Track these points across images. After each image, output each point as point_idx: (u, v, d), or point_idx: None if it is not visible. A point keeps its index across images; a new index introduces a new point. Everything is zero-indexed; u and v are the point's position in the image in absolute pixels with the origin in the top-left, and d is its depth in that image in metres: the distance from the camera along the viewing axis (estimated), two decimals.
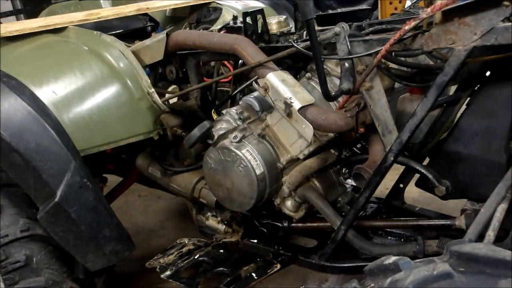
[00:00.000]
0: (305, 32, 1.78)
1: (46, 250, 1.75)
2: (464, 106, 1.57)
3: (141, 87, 1.85)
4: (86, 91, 1.75)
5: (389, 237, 1.74)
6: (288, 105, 1.51)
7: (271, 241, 1.83)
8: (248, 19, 1.75)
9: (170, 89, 2.30)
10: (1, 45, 1.88)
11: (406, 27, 1.26)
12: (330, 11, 2.63)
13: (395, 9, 2.29)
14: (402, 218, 1.73)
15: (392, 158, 1.42)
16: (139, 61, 1.90)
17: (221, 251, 1.88)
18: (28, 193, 1.64)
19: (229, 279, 1.75)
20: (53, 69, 1.78)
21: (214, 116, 1.82)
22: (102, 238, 1.66)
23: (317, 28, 1.46)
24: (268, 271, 1.78)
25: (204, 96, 2.01)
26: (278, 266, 1.79)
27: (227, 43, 1.70)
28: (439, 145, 1.60)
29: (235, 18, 2.05)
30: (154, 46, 1.89)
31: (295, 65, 1.73)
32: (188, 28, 2.56)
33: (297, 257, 1.76)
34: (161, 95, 1.98)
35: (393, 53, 1.52)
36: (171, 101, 2.01)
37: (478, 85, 1.54)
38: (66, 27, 2.00)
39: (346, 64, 1.46)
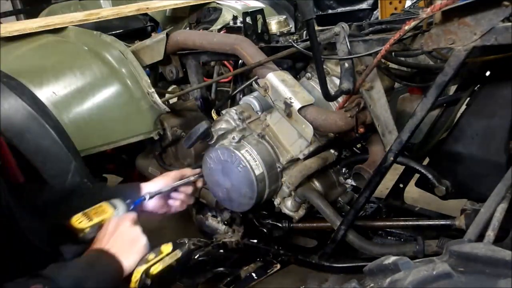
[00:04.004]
0: (305, 32, 1.78)
1: None
2: (464, 106, 1.57)
3: (141, 87, 1.85)
4: (86, 91, 1.76)
5: (389, 237, 1.74)
6: (288, 105, 1.51)
7: (271, 241, 1.83)
8: (248, 19, 1.75)
9: (170, 89, 2.30)
10: (1, 45, 1.88)
11: (406, 27, 1.26)
12: (330, 11, 2.63)
13: (395, 9, 2.29)
14: (402, 218, 1.74)
15: (392, 158, 1.42)
16: (139, 61, 1.90)
17: (221, 251, 1.88)
18: None
19: (229, 279, 1.75)
20: (53, 69, 1.79)
21: (214, 116, 1.82)
22: None
23: (317, 28, 1.46)
24: (268, 271, 1.78)
25: (204, 96, 2.01)
26: (278, 266, 1.79)
27: (227, 43, 1.70)
28: (439, 145, 1.60)
29: (235, 18, 2.06)
30: (154, 46, 1.90)
31: (295, 65, 1.73)
32: (188, 28, 2.56)
33: (297, 257, 1.76)
34: (161, 95, 1.98)
35: (393, 53, 1.52)
36: (171, 101, 2.02)
37: (478, 85, 1.54)
38: (66, 27, 2.01)
39: (346, 64, 1.46)
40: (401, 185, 1.79)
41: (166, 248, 1.34)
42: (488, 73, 1.51)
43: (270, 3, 2.73)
